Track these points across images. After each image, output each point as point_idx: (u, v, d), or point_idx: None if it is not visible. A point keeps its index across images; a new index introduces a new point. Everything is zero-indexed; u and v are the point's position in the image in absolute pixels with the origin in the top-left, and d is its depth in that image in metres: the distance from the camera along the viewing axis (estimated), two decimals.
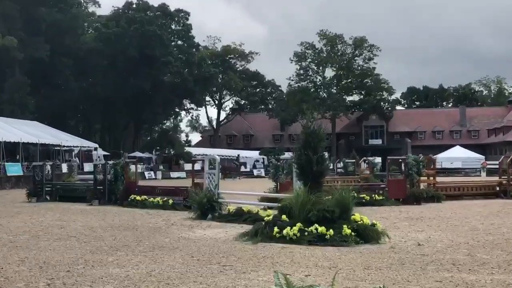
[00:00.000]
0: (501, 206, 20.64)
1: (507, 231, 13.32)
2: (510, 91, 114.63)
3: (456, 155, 70.62)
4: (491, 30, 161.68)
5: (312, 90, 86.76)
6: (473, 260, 9.37)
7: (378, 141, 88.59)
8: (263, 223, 12.14)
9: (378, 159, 50.26)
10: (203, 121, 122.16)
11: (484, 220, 15.96)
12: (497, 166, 29.48)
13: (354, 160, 45.91)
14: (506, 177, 25.67)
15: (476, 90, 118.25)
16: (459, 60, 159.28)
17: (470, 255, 9.89)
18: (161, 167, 65.12)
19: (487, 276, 8.01)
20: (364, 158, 42.16)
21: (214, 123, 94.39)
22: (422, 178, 23.96)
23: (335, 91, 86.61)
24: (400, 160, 24.38)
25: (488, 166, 59.75)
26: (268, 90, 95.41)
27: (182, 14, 78.17)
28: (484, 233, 12.97)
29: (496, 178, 27.98)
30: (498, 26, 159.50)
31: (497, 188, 25.71)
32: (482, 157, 71.38)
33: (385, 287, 3.97)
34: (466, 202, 22.90)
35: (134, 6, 74.93)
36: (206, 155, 22.74)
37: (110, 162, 24.58)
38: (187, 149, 74.64)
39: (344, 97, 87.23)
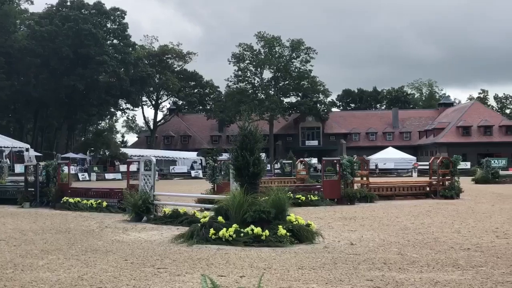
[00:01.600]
0: (431, 206, 21.33)
1: (436, 230, 13.78)
2: (440, 94, 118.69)
3: (389, 156, 72.49)
4: (421, 35, 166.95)
5: (250, 91, 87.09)
6: (403, 259, 9.65)
7: (315, 142, 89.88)
8: (199, 224, 12.12)
9: (315, 160, 51.03)
10: (140, 122, 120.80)
11: (415, 219, 16.45)
12: (427, 167, 30.41)
13: (291, 161, 46.47)
14: (436, 177, 26.54)
15: (409, 92, 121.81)
16: (391, 64, 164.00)
17: (401, 254, 10.18)
18: (95, 168, 63.76)
19: (416, 275, 8.26)
20: (301, 159, 42.63)
21: (151, 123, 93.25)
22: (356, 178, 24.45)
23: (272, 92, 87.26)
24: (335, 161, 24.80)
25: (419, 167, 61.64)
26: (206, 90, 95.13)
27: (118, 12, 76.90)
28: (414, 232, 13.37)
29: (426, 179, 28.87)
30: (427, 31, 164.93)
31: (428, 189, 26.52)
32: (414, 158, 73.58)
33: None
34: (398, 202, 23.55)
35: (68, 3, 73.12)
36: (142, 156, 22.49)
37: (42, 163, 23.90)
38: (123, 150, 73.39)
39: (281, 98, 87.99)
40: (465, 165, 58.24)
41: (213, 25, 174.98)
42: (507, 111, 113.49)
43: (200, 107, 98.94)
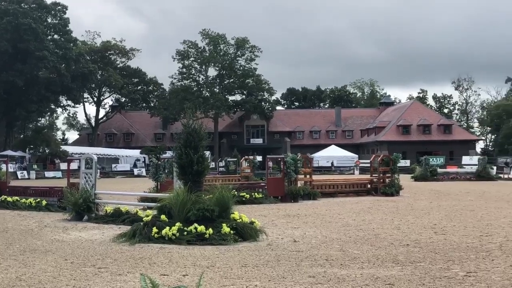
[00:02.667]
0: (371, 203, 21.78)
1: (377, 227, 14.07)
2: (381, 93, 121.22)
3: (332, 154, 73.55)
4: (362, 35, 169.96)
5: (195, 89, 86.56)
6: (344, 255, 9.81)
7: (259, 140, 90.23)
8: (142, 223, 11.97)
9: (259, 158, 51.23)
10: (81, 119, 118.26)
11: (356, 216, 16.76)
12: (369, 165, 31.03)
13: (235, 159, 46.52)
14: (376, 175, 27.11)
15: (351, 92, 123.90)
16: (334, 63, 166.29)
17: (342, 250, 10.34)
18: (35, 166, 62.15)
19: (357, 271, 8.41)
20: (245, 157, 42.74)
21: (93, 121, 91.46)
22: (299, 176, 24.69)
23: (217, 90, 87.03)
24: (279, 159, 24.98)
25: (361, 165, 62.81)
26: (150, 87, 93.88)
27: (59, 7, 74.95)
28: (355, 229, 13.62)
29: (368, 176, 29.46)
30: (368, 32, 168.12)
31: (369, 186, 27.09)
32: (356, 156, 74.89)
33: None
34: (340, 199, 23.94)
35: None
36: (83, 154, 22.00)
37: None
38: (64, 147, 71.76)
39: (226, 96, 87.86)
40: (405, 163, 59.72)
41: (156, 22, 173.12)
42: (445, 110, 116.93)
43: (144, 105, 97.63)
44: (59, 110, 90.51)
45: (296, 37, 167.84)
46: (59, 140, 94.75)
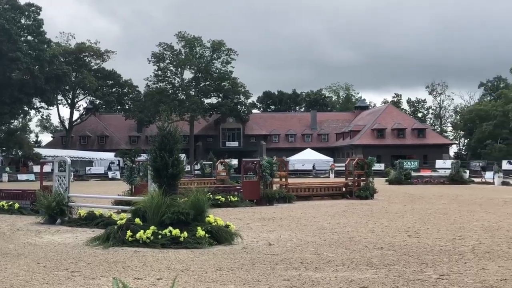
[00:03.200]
0: (346, 206, 21.90)
1: (351, 230, 14.14)
2: (357, 97, 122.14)
3: (307, 158, 73.83)
4: (337, 40, 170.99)
5: (170, 91, 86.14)
6: (319, 258, 9.83)
7: (235, 144, 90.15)
8: (116, 227, 11.86)
9: (235, 161, 51.18)
10: (55, 121, 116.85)
11: (331, 219, 16.83)
12: (344, 168, 31.21)
13: (211, 162, 46.39)
14: (351, 178, 27.27)
15: (327, 95, 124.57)
16: (310, 67, 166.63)
17: (317, 253, 10.37)
18: (7, 169, 61.22)
19: (332, 274, 8.44)
20: (221, 160, 42.66)
21: (67, 123, 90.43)
22: (275, 179, 24.73)
23: (193, 93, 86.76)
24: (254, 162, 24.99)
25: (336, 168, 63.16)
26: (125, 90, 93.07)
27: (33, 8, 74.00)
28: (330, 232, 13.67)
29: (343, 180, 29.62)
30: (343, 36, 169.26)
31: (344, 189, 27.24)
32: (331, 159, 75.32)
33: None
34: (315, 202, 24.04)
35: None
36: (57, 156, 21.75)
37: None
38: (37, 150, 70.80)
39: (202, 99, 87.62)
40: (379, 166, 60.20)
41: (131, 23, 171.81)
42: (419, 114, 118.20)
43: (119, 107, 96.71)
44: (32, 112, 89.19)
45: (272, 40, 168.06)
46: (32, 142, 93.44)
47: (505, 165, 53.47)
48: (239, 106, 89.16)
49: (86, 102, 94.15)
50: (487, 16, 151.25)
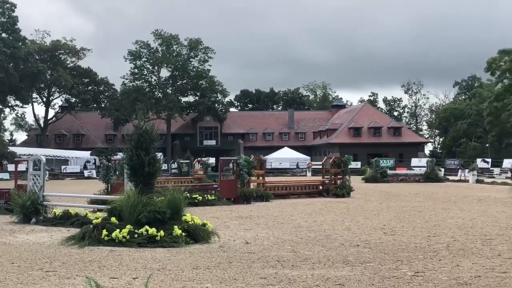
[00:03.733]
0: (323, 204, 22.00)
1: (328, 228, 14.21)
2: (334, 96, 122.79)
3: (285, 156, 74.04)
4: (313, 38, 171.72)
5: (147, 89, 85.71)
6: (296, 256, 9.86)
7: (213, 142, 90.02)
8: (91, 226, 11.75)
9: (212, 160, 51.09)
10: (30, 120, 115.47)
11: (308, 217, 16.89)
12: (321, 167, 31.35)
13: (188, 161, 46.27)
14: (328, 177, 27.41)
15: (304, 94, 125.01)
16: (287, 65, 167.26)
17: (294, 251, 10.40)
18: None
19: (308, 271, 8.47)
20: (198, 158, 42.56)
21: (42, 121, 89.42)
22: (252, 178, 24.74)
23: (170, 91, 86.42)
24: (232, 161, 24.98)
25: (314, 167, 63.42)
26: (101, 88, 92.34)
27: (8, 5, 73.06)
28: (307, 230, 13.72)
29: (320, 178, 29.75)
30: (319, 35, 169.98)
31: (321, 187, 27.36)
32: (308, 158, 75.62)
33: None
34: (293, 201, 24.10)
35: None
36: (32, 155, 21.48)
37: None
38: (11, 148, 69.78)
39: (179, 97, 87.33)
40: (356, 164, 60.65)
41: (106, 21, 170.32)
42: (395, 113, 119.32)
43: (95, 105, 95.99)
44: (6, 110, 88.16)
45: (249, 39, 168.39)
46: (7, 141, 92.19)
47: (479, 163, 54.18)
48: (216, 105, 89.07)
49: (61, 101, 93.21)
50: (462, 16, 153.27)
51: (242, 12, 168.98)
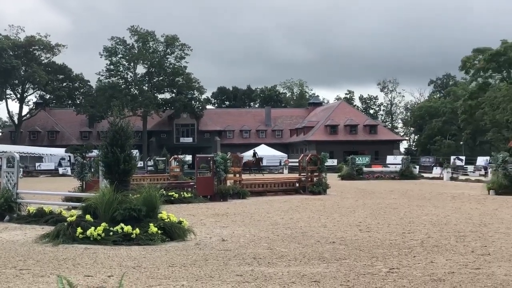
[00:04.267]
0: (300, 202, 22.08)
1: (304, 225, 14.27)
2: (310, 93, 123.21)
3: (262, 153, 74.05)
4: (289, 36, 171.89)
5: (123, 86, 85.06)
6: (272, 253, 9.88)
7: (189, 139, 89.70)
8: (66, 223, 11.63)
9: (189, 157, 50.90)
10: (3, 116, 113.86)
11: (284, 215, 16.94)
12: (297, 164, 31.45)
13: (164, 158, 46.02)
14: (304, 174, 27.51)
15: (281, 92, 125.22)
16: (263, 63, 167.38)
17: (270, 248, 10.42)
18: None
19: (284, 268, 8.49)
20: (175, 156, 42.35)
21: (16, 118, 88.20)
22: (229, 175, 24.72)
23: (146, 88, 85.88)
24: (208, 158, 24.93)
25: (290, 164, 63.60)
26: (76, 84, 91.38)
27: None
28: (283, 227, 13.76)
29: (296, 175, 29.85)
30: (294, 32, 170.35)
31: (297, 185, 27.45)
32: (285, 155, 75.77)
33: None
34: (269, 198, 24.15)
35: None
36: (5, 152, 21.15)
37: None
38: None
39: (155, 94, 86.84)
40: (332, 162, 60.96)
41: (81, 17, 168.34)
42: (371, 111, 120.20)
43: (70, 102, 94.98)
44: None
45: (225, 36, 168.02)
46: None
47: (452, 160, 54.86)
48: (193, 102, 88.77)
49: (36, 97, 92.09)
50: (437, 15, 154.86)
51: (217, 9, 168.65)
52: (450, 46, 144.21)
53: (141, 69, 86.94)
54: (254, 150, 66.13)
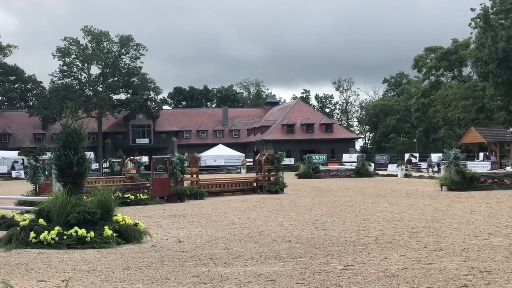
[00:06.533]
0: (257, 201, 22.15)
1: (261, 224, 14.33)
2: (267, 93, 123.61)
3: (219, 153, 74.00)
4: (241, 35, 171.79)
5: (77, 87, 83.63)
6: (229, 253, 9.89)
7: (146, 140, 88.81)
8: (19, 228, 11.38)
9: (145, 158, 50.45)
10: None
11: (242, 214, 16.98)
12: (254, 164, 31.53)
13: (120, 160, 45.52)
14: (262, 173, 27.61)
15: (237, 91, 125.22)
16: (218, 62, 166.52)
17: (227, 249, 10.43)
18: None
19: (240, 268, 8.51)
20: (131, 157, 41.91)
21: None
22: (186, 176, 24.61)
23: (101, 89, 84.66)
24: (165, 159, 24.76)
25: (248, 164, 63.71)
26: (28, 86, 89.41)
27: None
28: (240, 227, 13.79)
29: (253, 175, 29.93)
30: (247, 32, 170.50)
31: (254, 184, 27.53)
32: (243, 155, 75.87)
33: None
34: (227, 198, 24.16)
35: None
36: None
37: None
38: None
39: (110, 95, 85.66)
40: (289, 161, 61.37)
41: (29, 16, 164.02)
42: (327, 110, 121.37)
43: (22, 104, 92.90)
44: None
45: (177, 35, 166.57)
46: None
47: (407, 157, 55.94)
48: (149, 102, 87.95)
49: None
50: (389, 14, 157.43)
51: (168, 8, 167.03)
52: (402, 45, 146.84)
53: (95, 70, 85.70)
54: None
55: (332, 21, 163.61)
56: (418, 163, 56.64)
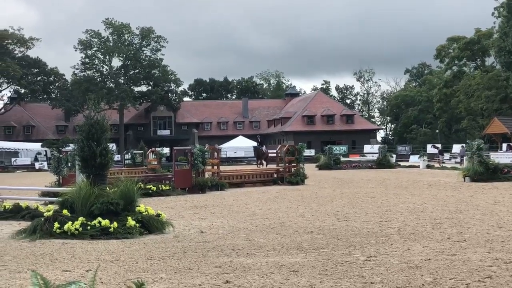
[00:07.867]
0: (278, 192, 22.15)
1: (282, 215, 14.33)
2: (287, 84, 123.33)
3: (239, 145, 74.07)
4: (259, 27, 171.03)
5: (98, 79, 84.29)
6: (251, 244, 9.92)
7: (167, 132, 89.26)
8: (43, 219, 11.53)
9: (166, 150, 50.73)
10: None
11: (263, 205, 16.99)
12: (275, 155, 31.48)
13: (142, 151, 45.76)
14: (282, 165, 27.59)
15: (258, 83, 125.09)
16: (239, 54, 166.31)
17: (248, 239, 10.45)
18: None
19: (263, 259, 8.53)
20: (152, 148, 42.13)
21: None
22: (207, 167, 24.69)
23: (122, 81, 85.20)
24: (186, 151, 24.86)
25: (269, 155, 63.55)
26: (51, 78, 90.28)
27: None
28: (262, 218, 13.80)
29: (274, 166, 29.91)
30: (265, 24, 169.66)
31: (275, 175, 27.52)
32: (263, 146, 75.80)
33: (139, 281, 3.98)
34: (247, 189, 24.20)
35: None
36: None
37: None
38: None
39: (132, 87, 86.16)
40: (310, 152, 61.19)
41: (49, 10, 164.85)
42: (348, 101, 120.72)
43: (45, 96, 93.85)
44: None
45: (198, 28, 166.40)
46: None
47: (429, 149, 55.45)
48: (170, 94, 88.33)
49: (10, 92, 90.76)
50: (409, 4, 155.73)
51: (184, 1, 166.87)
52: (424, 35, 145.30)
53: (116, 62, 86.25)
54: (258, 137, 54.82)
55: (350, 12, 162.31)
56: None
